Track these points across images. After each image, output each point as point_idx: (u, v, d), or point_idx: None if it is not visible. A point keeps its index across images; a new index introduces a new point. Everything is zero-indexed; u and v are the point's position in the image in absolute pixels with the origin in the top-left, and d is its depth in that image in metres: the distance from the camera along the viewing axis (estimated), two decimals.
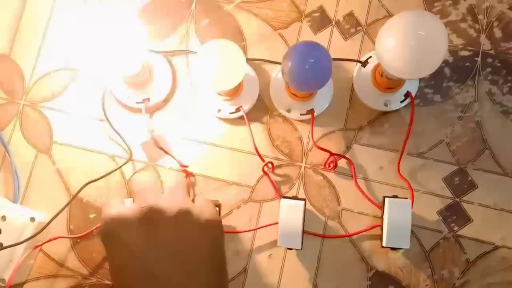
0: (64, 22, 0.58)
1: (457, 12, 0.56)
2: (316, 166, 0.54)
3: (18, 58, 0.58)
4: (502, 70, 0.55)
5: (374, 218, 0.53)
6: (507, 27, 0.55)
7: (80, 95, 0.57)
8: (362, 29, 0.56)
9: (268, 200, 0.54)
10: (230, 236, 0.54)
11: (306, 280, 0.53)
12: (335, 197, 0.54)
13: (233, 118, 0.55)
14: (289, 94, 0.53)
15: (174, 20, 0.58)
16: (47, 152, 0.56)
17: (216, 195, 0.54)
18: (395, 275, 0.52)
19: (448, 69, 0.55)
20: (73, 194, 0.55)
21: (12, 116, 0.57)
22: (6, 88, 0.57)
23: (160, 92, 0.55)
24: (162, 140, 0.55)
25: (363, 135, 0.55)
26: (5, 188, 0.56)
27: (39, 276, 0.54)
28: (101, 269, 0.54)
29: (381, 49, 0.46)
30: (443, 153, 0.54)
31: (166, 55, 0.57)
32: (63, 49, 0.58)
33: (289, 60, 0.45)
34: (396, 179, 0.54)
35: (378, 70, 0.53)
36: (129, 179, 0.55)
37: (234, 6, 0.57)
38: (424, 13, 0.45)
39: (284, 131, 0.55)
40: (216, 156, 0.55)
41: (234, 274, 0.53)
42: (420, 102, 0.55)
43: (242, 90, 0.54)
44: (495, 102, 0.54)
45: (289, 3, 0.57)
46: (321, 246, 0.53)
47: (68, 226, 0.55)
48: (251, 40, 0.57)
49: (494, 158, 0.53)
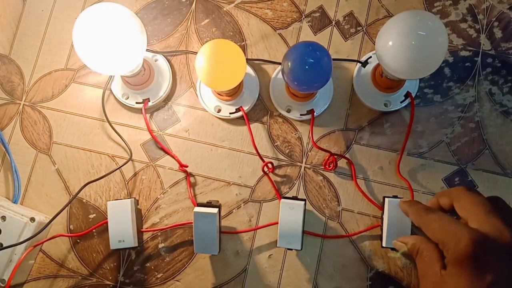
0: (64, 22, 0.58)
1: (457, 12, 0.56)
2: (316, 166, 0.54)
3: (18, 58, 0.58)
4: (502, 70, 0.55)
5: (374, 218, 0.53)
6: (507, 27, 0.55)
7: (80, 95, 0.57)
8: (362, 29, 0.56)
9: (268, 200, 0.54)
10: (230, 236, 0.54)
11: (306, 280, 0.53)
12: (335, 197, 0.54)
13: (233, 118, 0.55)
14: (289, 94, 0.53)
15: (174, 20, 0.58)
16: (47, 152, 0.56)
17: (216, 195, 0.54)
18: (395, 275, 0.52)
19: (448, 69, 0.55)
20: (73, 194, 0.55)
21: (12, 116, 0.57)
22: (6, 88, 0.57)
23: (160, 92, 0.55)
24: (162, 140, 0.55)
25: (363, 135, 0.55)
26: (5, 188, 0.56)
27: (39, 276, 0.54)
28: (101, 269, 0.54)
29: (381, 49, 0.46)
30: (443, 153, 0.54)
31: (166, 55, 0.57)
32: (63, 49, 0.58)
33: (289, 60, 0.45)
34: (396, 179, 0.54)
35: (378, 70, 0.53)
36: (129, 179, 0.55)
37: (234, 6, 0.57)
38: (424, 13, 0.45)
39: (284, 131, 0.55)
40: (216, 156, 0.55)
41: (234, 274, 0.53)
42: (420, 102, 0.55)
43: (242, 90, 0.54)
44: (495, 102, 0.54)
45: (289, 3, 0.57)
46: (321, 246, 0.53)
47: (68, 226, 0.55)
48: (251, 40, 0.57)
49: (494, 158, 0.53)
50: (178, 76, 0.57)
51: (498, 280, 0.35)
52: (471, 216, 0.38)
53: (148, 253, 0.54)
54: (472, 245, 0.35)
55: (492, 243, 0.36)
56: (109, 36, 0.46)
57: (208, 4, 0.58)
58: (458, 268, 0.36)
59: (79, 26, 0.45)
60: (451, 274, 0.37)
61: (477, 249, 0.35)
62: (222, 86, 0.48)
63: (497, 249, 0.36)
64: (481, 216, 0.38)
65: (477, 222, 0.37)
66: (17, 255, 0.51)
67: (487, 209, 0.38)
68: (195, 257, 0.54)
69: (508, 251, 0.36)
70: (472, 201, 0.39)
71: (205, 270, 0.53)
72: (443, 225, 0.38)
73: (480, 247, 0.36)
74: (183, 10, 0.58)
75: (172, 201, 0.55)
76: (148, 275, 0.53)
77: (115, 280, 0.53)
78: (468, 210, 0.39)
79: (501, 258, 0.36)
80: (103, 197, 0.55)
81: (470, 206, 0.39)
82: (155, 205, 0.55)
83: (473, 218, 0.38)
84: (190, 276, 0.53)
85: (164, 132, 0.56)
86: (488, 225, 0.37)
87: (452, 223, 0.38)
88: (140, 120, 0.56)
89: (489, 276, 0.35)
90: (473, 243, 0.36)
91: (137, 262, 0.54)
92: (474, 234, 0.36)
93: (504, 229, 0.36)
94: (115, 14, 0.46)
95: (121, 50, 0.47)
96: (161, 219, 0.54)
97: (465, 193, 0.40)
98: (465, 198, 0.40)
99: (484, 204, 0.38)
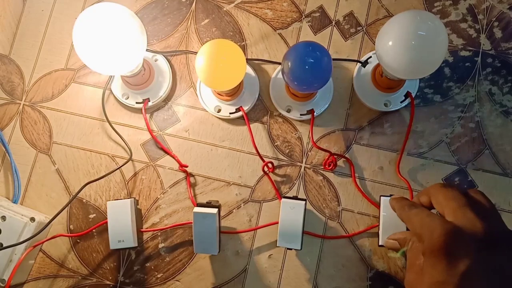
0: (64, 22, 0.58)
1: (457, 12, 0.56)
2: (316, 166, 0.54)
3: (18, 58, 0.58)
4: (502, 70, 0.55)
5: (374, 218, 0.53)
6: (507, 27, 0.55)
7: (80, 95, 0.57)
8: (362, 29, 0.56)
9: (268, 200, 0.54)
10: (230, 236, 0.54)
11: (306, 280, 0.53)
12: (335, 197, 0.54)
13: (233, 118, 0.55)
14: (289, 94, 0.53)
15: (174, 20, 0.58)
16: (47, 152, 0.56)
17: (216, 195, 0.54)
18: (395, 275, 0.52)
19: (448, 69, 0.55)
20: (73, 194, 0.55)
21: (12, 116, 0.57)
22: (6, 88, 0.57)
23: (160, 92, 0.55)
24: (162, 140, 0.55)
25: (363, 135, 0.55)
26: (5, 188, 0.56)
27: (39, 276, 0.54)
28: (101, 269, 0.54)
29: (381, 49, 0.46)
30: (443, 153, 0.54)
31: (166, 55, 0.57)
32: (63, 49, 0.58)
33: (289, 60, 0.45)
34: (396, 179, 0.54)
35: (378, 70, 0.53)
36: (129, 179, 0.55)
37: (234, 6, 0.57)
38: (424, 13, 0.45)
39: (284, 131, 0.55)
40: (216, 156, 0.55)
41: (234, 274, 0.53)
42: (420, 102, 0.55)
43: (242, 90, 0.54)
44: (495, 102, 0.54)
45: (289, 3, 0.57)
46: (321, 246, 0.53)
47: (68, 226, 0.55)
48: (251, 40, 0.57)
49: (494, 158, 0.53)
50: (178, 76, 0.57)
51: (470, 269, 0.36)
52: (446, 210, 0.40)
53: (148, 253, 0.54)
54: (445, 236, 0.37)
55: (464, 234, 0.37)
56: (109, 36, 0.46)
57: (208, 4, 0.58)
58: (433, 258, 0.38)
59: (79, 26, 0.45)
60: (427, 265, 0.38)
61: (449, 240, 0.37)
62: (222, 86, 0.48)
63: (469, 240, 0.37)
64: (455, 209, 0.39)
65: (452, 215, 0.39)
66: (17, 255, 0.51)
67: (461, 203, 0.39)
68: (195, 257, 0.54)
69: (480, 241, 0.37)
70: (446, 196, 0.41)
71: (205, 270, 0.53)
72: (421, 219, 0.40)
73: (453, 238, 0.37)
74: (183, 10, 0.58)
75: (172, 201, 0.55)
76: (148, 275, 0.53)
77: (115, 280, 0.53)
78: (444, 205, 0.40)
79: (473, 248, 0.37)
80: (103, 197, 0.55)
81: (445, 201, 0.40)
82: (155, 205, 0.55)
83: (448, 212, 0.40)
84: (190, 276, 0.53)
85: (164, 132, 0.56)
86: (461, 217, 0.38)
87: (429, 216, 0.40)
88: (140, 120, 0.56)
89: (462, 265, 0.36)
90: (446, 234, 0.37)
91: (137, 262, 0.54)
92: (447, 225, 0.38)
93: (477, 221, 0.37)
94: (115, 14, 0.46)
95: (121, 50, 0.47)
96: (161, 219, 0.54)
97: (440, 189, 0.42)
98: (440, 194, 0.41)
99: (457, 198, 0.40)
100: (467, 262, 0.36)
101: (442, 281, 0.37)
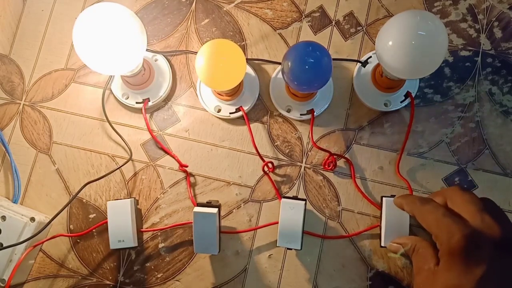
0: (64, 22, 0.58)
1: (457, 12, 0.56)
2: (316, 166, 0.54)
3: (18, 58, 0.58)
4: (502, 70, 0.55)
5: (374, 218, 0.53)
6: (507, 27, 0.55)
7: (80, 95, 0.57)
8: (362, 29, 0.56)
9: (268, 200, 0.54)
10: (230, 236, 0.54)
11: (306, 280, 0.53)
12: (335, 197, 0.54)
13: (233, 118, 0.55)
14: (289, 94, 0.53)
15: (174, 20, 0.58)
16: (47, 152, 0.56)
17: (216, 195, 0.54)
18: (395, 275, 0.52)
19: (448, 69, 0.55)
20: (73, 194, 0.55)
21: (12, 116, 0.57)
22: (6, 88, 0.57)
23: (160, 92, 0.55)
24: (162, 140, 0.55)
25: (363, 135, 0.55)
26: (5, 188, 0.56)
27: (39, 276, 0.54)
28: (101, 269, 0.54)
29: (381, 49, 0.46)
30: (443, 153, 0.54)
31: (166, 55, 0.57)
32: (63, 49, 0.58)
33: (289, 60, 0.45)
34: (396, 179, 0.54)
35: (378, 70, 0.53)
36: (129, 179, 0.55)
37: (234, 6, 0.57)
38: (424, 13, 0.45)
39: (284, 131, 0.55)
40: (216, 156, 0.55)
41: (234, 274, 0.53)
42: (420, 102, 0.55)
43: (242, 90, 0.54)
44: (495, 102, 0.54)
45: (289, 3, 0.57)
46: (321, 246, 0.53)
47: (68, 226, 0.55)
48: (251, 40, 0.57)
49: (494, 158, 0.53)
50: (178, 76, 0.57)
51: (487, 274, 0.36)
52: (464, 213, 0.40)
53: (148, 253, 0.54)
54: (464, 240, 0.37)
55: (483, 238, 0.37)
56: (109, 36, 0.46)
57: (208, 4, 0.58)
58: (450, 262, 0.38)
59: (79, 26, 0.45)
60: (443, 268, 0.38)
61: (468, 244, 0.37)
62: (222, 86, 0.48)
63: (488, 245, 0.37)
64: (473, 213, 0.39)
65: (470, 218, 0.39)
66: (17, 255, 0.51)
67: (479, 207, 0.39)
68: (195, 257, 0.54)
69: (498, 246, 0.37)
70: (465, 199, 0.41)
71: (205, 270, 0.53)
72: (437, 218, 0.40)
73: (472, 242, 0.37)
74: (183, 10, 0.58)
75: (172, 201, 0.55)
76: (148, 275, 0.53)
77: (115, 280, 0.53)
78: (461, 207, 0.40)
79: (491, 253, 0.37)
80: (103, 197, 0.55)
81: (463, 204, 0.40)
82: (155, 205, 0.55)
83: (465, 215, 0.39)
84: (190, 276, 0.53)
85: (164, 132, 0.56)
86: (480, 221, 0.38)
87: (446, 216, 0.40)
88: (140, 120, 0.56)
89: (479, 270, 0.36)
90: (465, 238, 0.37)
91: (137, 262, 0.54)
92: (467, 229, 0.38)
93: (495, 225, 0.38)
94: (115, 14, 0.46)
95: (121, 50, 0.47)
96: (161, 219, 0.54)
97: (458, 192, 0.42)
98: (458, 197, 0.41)
99: (476, 202, 0.40)
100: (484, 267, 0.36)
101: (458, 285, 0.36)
